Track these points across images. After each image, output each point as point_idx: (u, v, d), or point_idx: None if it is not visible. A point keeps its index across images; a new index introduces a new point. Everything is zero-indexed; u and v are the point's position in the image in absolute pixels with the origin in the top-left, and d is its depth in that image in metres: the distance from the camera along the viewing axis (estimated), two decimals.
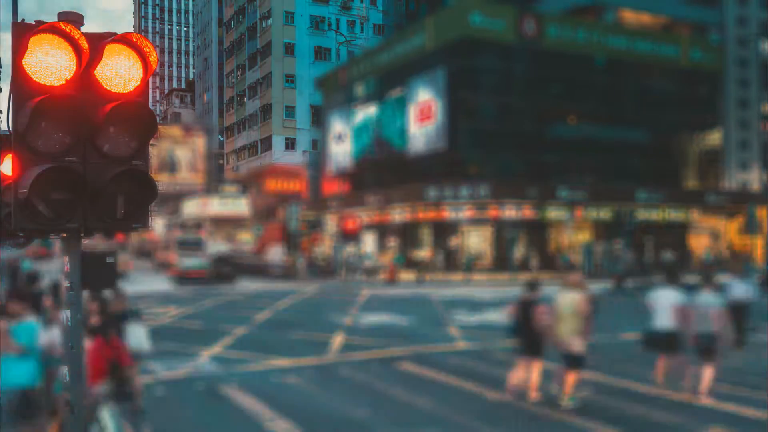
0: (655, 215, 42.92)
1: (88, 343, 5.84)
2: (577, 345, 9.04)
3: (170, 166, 68.46)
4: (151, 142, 4.01)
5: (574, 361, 9.08)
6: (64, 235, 3.84)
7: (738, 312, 12.48)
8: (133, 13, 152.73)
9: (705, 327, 9.49)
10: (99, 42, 3.76)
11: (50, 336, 6.89)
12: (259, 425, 8.40)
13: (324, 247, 43.12)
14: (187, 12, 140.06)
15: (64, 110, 3.65)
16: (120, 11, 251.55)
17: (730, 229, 45.55)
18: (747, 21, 62.97)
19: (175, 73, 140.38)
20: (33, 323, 7.02)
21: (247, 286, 31.24)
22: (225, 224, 54.65)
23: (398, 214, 42.73)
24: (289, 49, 66.19)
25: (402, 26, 62.04)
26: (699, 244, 45.27)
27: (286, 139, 66.42)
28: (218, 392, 10.13)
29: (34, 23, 3.61)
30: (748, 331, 13.92)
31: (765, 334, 14.80)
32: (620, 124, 43.97)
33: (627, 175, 43.17)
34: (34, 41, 3.54)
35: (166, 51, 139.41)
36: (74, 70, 3.70)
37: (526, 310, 9.35)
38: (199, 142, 72.42)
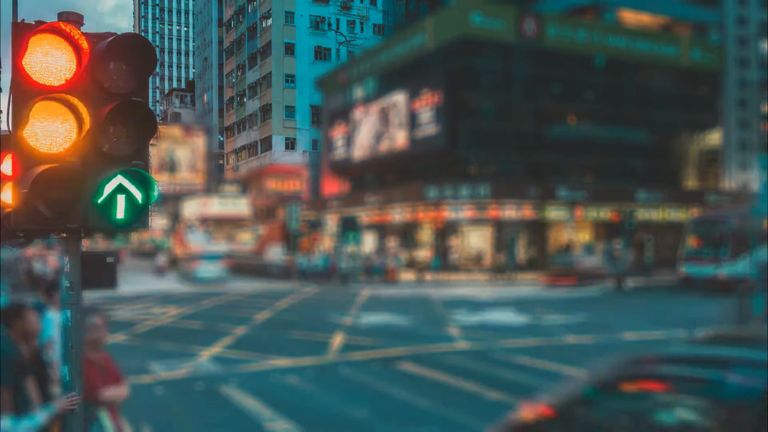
0: (655, 215, 42.91)
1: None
2: None
3: (170, 166, 68.46)
4: (151, 142, 4.01)
5: None
6: (64, 235, 3.84)
7: None
8: (133, 13, 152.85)
9: None
10: (99, 42, 3.76)
11: None
12: (259, 425, 8.40)
13: (324, 247, 43.12)
14: (187, 12, 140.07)
15: (64, 110, 3.65)
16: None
17: None
18: (747, 21, 63.00)
19: (175, 73, 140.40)
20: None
21: (247, 286, 31.24)
22: (225, 224, 54.68)
23: (398, 214, 42.74)
24: (289, 49, 66.21)
25: (402, 26, 62.02)
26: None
27: (286, 139, 66.44)
28: (218, 392, 10.13)
29: (34, 23, 3.61)
30: None
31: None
32: (620, 124, 43.96)
33: (627, 175, 43.18)
34: (34, 41, 3.54)
35: (166, 51, 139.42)
36: (74, 70, 3.70)
37: None
38: (199, 142, 72.42)
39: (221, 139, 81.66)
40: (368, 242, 43.63)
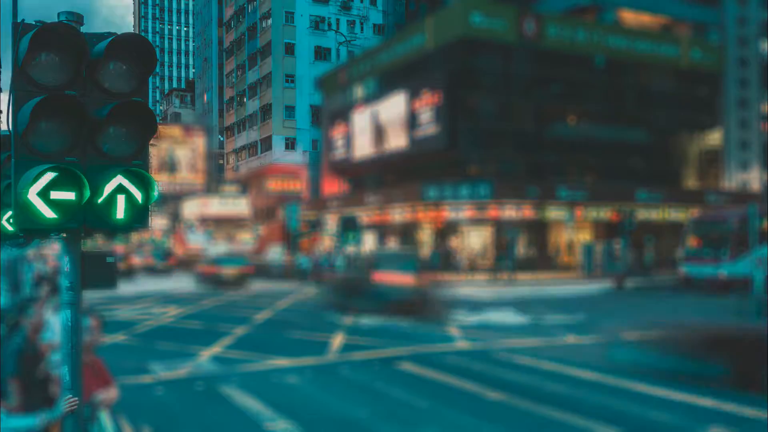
0: (655, 215, 42.91)
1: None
2: None
3: (170, 166, 68.52)
4: (151, 142, 4.01)
5: None
6: (65, 235, 3.84)
7: None
8: (133, 13, 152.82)
9: None
10: (99, 42, 3.76)
11: None
12: (259, 425, 8.40)
13: (324, 247, 43.12)
14: (187, 12, 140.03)
15: (64, 110, 3.65)
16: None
17: None
18: (747, 21, 62.94)
19: (175, 73, 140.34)
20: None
21: (247, 285, 31.23)
22: (225, 224, 54.71)
23: (398, 214, 42.74)
24: (289, 49, 66.18)
25: (402, 26, 62.01)
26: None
27: (286, 139, 66.41)
28: (218, 392, 10.13)
29: (34, 23, 3.61)
30: None
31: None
32: (620, 124, 43.95)
33: (627, 175, 43.16)
34: (34, 41, 3.54)
35: (166, 51, 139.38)
36: (74, 70, 3.70)
37: None
38: (199, 142, 72.49)
39: (221, 139, 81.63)
40: (368, 242, 43.62)
